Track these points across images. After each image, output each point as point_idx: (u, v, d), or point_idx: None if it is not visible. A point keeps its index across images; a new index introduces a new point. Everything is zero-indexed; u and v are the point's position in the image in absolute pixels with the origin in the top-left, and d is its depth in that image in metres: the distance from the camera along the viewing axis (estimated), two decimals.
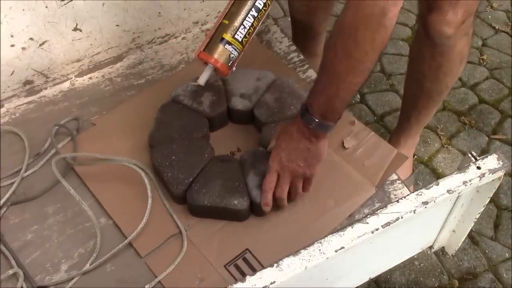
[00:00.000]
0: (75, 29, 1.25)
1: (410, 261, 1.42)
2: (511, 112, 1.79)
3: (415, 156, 1.64)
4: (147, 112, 1.23)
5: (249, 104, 1.20)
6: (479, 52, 2.00)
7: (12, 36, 1.18)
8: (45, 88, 1.32)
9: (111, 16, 1.27)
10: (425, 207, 0.74)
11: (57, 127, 1.23)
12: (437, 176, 1.62)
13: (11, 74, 1.25)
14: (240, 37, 1.10)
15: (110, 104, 1.29)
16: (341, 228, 0.72)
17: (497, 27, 2.11)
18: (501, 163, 0.77)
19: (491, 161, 0.77)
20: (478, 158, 0.78)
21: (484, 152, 1.67)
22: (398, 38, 2.04)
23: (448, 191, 0.74)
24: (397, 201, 0.74)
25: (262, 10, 1.12)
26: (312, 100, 0.97)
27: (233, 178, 1.08)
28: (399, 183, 1.13)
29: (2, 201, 1.12)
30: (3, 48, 1.19)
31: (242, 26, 1.10)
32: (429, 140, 1.70)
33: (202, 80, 1.11)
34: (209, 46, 1.10)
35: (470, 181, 0.75)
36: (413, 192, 0.75)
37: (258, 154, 1.12)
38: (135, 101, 1.29)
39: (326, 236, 0.72)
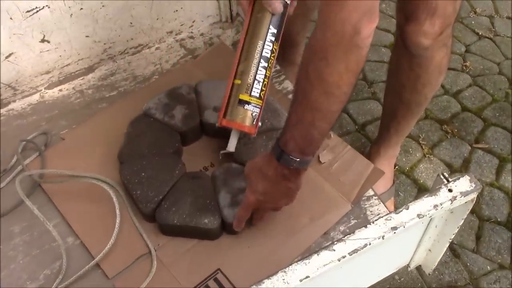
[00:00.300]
0: (43, 41, 1.21)
1: (390, 275, 1.39)
2: (494, 121, 1.76)
3: (396, 167, 1.61)
4: (118, 126, 1.20)
5: None
6: (462, 58, 1.97)
7: None
8: (14, 101, 1.29)
9: (80, 27, 1.24)
10: (394, 232, 0.71)
11: (24, 142, 1.19)
12: (419, 187, 1.59)
13: None
14: (257, 93, 1.06)
15: (80, 117, 1.26)
16: (306, 256, 0.69)
17: (480, 33, 2.09)
18: (473, 185, 0.74)
19: (463, 183, 0.74)
20: (450, 179, 0.75)
21: (467, 162, 1.65)
22: (380, 44, 2.01)
23: (418, 215, 0.71)
24: (365, 226, 0.71)
25: (271, 57, 1.07)
26: (287, 138, 0.89)
27: (204, 195, 1.05)
28: (375, 199, 1.10)
29: None
30: None
31: (256, 82, 1.06)
32: (410, 149, 1.68)
33: (231, 147, 1.10)
34: (229, 111, 1.06)
35: (441, 204, 0.72)
36: (383, 216, 0.72)
37: (230, 170, 1.09)
38: (106, 114, 1.25)
39: (290, 264, 0.68)
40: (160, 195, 1.05)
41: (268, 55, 1.06)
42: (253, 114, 1.06)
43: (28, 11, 1.14)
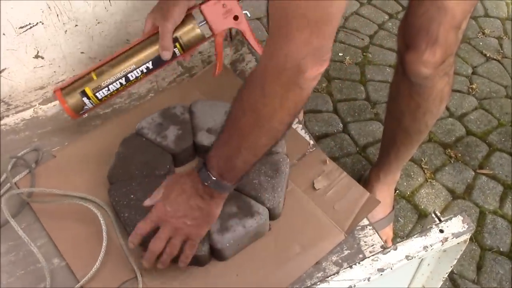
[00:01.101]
0: (37, 57, 1.20)
1: None
2: (499, 146, 1.72)
3: (397, 191, 1.58)
4: (111, 144, 1.17)
5: None
6: (468, 80, 1.94)
7: None
8: (7, 116, 1.27)
9: (75, 43, 1.22)
10: (381, 274, 0.67)
11: (14, 159, 1.17)
12: (419, 212, 1.55)
13: None
14: (101, 96, 1.14)
15: (73, 134, 1.24)
16: None
17: (488, 55, 2.05)
18: (466, 226, 0.70)
19: (456, 224, 0.71)
20: (442, 219, 0.71)
21: (470, 188, 1.61)
22: (385, 64, 1.98)
23: (407, 256, 0.68)
24: (350, 266, 0.68)
25: (132, 81, 1.15)
26: (211, 154, 0.88)
27: None
28: (370, 229, 1.07)
29: None
30: None
31: (106, 88, 1.13)
32: (412, 173, 1.64)
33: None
34: (68, 90, 1.13)
35: (431, 245, 0.69)
36: (369, 256, 0.68)
37: None
38: (99, 132, 1.23)
39: None
40: None
41: (131, 78, 1.14)
42: (85, 107, 1.15)
43: (21, 27, 1.12)
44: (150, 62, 1.13)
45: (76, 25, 1.19)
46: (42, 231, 1.08)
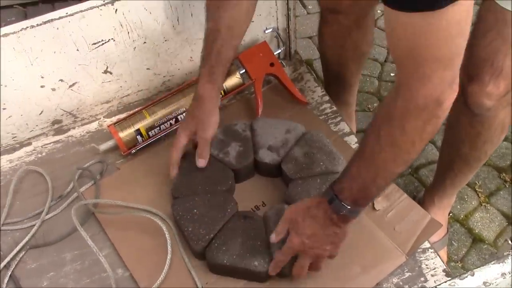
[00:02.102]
0: (106, 72, 1.24)
1: None
2: None
3: (450, 214, 1.56)
4: None
5: (277, 158, 1.16)
6: None
7: (42, 77, 1.18)
8: (73, 128, 1.32)
9: (142, 59, 1.26)
10: None
11: (80, 170, 1.21)
12: (474, 236, 1.53)
13: (40, 114, 1.25)
14: (152, 134, 1.24)
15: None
16: None
17: None
18: None
19: None
20: None
21: None
22: None
23: (484, 283, 0.68)
24: None
25: (180, 121, 1.25)
26: (344, 186, 0.90)
27: (255, 237, 1.04)
28: (431, 252, 1.07)
29: (21, 244, 1.11)
30: (33, 89, 1.19)
31: (158, 128, 1.24)
32: (466, 197, 1.62)
33: (102, 147, 1.24)
34: (122, 126, 1.22)
35: (509, 273, 0.69)
36: (446, 281, 0.69)
37: (283, 212, 1.07)
38: (162, 147, 1.26)
39: None
40: (211, 233, 1.04)
41: (180, 119, 1.25)
42: (137, 144, 1.23)
43: (94, 43, 1.17)
44: None
45: (145, 42, 1.22)
46: (107, 241, 1.11)
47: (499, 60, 1.05)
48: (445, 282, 0.69)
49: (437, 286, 0.68)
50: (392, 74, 2.03)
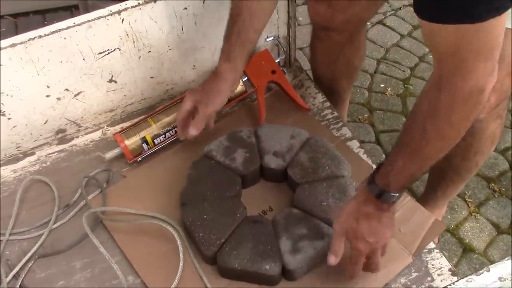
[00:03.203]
0: (110, 81, 1.25)
1: None
2: None
3: None
4: (179, 167, 1.22)
5: (282, 163, 1.18)
6: (510, 115, 1.95)
7: (48, 87, 1.18)
8: (77, 137, 1.32)
9: (146, 68, 1.27)
10: None
11: (86, 179, 1.22)
12: (464, 246, 1.56)
13: (45, 123, 1.25)
14: (157, 141, 1.26)
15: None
16: None
17: None
18: None
19: None
20: None
21: None
22: None
23: (500, 278, 0.70)
24: None
25: None
26: (390, 180, 0.93)
27: (265, 241, 1.05)
28: (437, 252, 1.09)
29: (30, 254, 1.11)
30: (38, 99, 1.19)
31: (163, 135, 1.26)
32: (456, 207, 1.65)
33: (108, 156, 1.24)
34: (127, 134, 1.23)
35: None
36: (462, 278, 0.71)
37: (292, 216, 1.09)
38: (167, 154, 1.28)
39: None
40: (222, 238, 1.05)
41: None
42: (142, 152, 1.24)
43: (100, 53, 1.18)
44: None
45: (149, 51, 1.24)
46: (116, 249, 1.12)
47: None
48: (462, 278, 0.71)
49: (454, 282, 0.70)
50: (382, 85, 2.06)
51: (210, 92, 1.15)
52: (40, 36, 1.10)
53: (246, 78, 1.32)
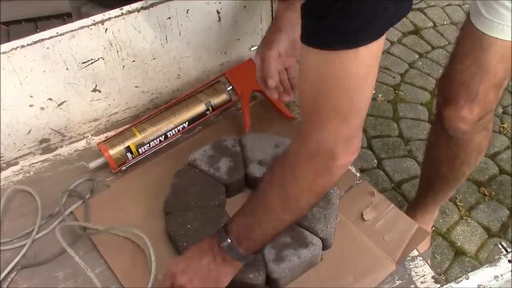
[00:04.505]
0: (94, 90, 1.25)
1: None
2: None
3: (433, 228, 1.60)
4: (163, 176, 1.22)
5: None
6: (499, 120, 1.97)
7: (31, 96, 1.18)
8: (61, 147, 1.32)
9: (130, 77, 1.27)
10: None
11: (70, 188, 1.21)
12: (456, 250, 1.57)
13: (28, 133, 1.25)
14: (142, 151, 1.25)
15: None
16: None
17: None
18: None
19: None
20: (508, 250, 0.74)
21: (505, 227, 1.62)
22: (416, 102, 2.03)
23: (479, 285, 0.71)
24: None
25: (170, 137, 1.28)
26: (234, 219, 0.89)
27: None
28: (420, 260, 1.09)
29: (12, 264, 1.10)
30: (21, 108, 1.19)
31: (148, 144, 1.25)
32: (447, 210, 1.66)
33: (92, 165, 1.23)
34: (111, 143, 1.23)
35: (501, 275, 0.72)
36: (444, 285, 0.71)
37: None
38: (152, 163, 1.27)
39: None
40: None
41: (169, 136, 1.28)
42: (126, 161, 1.24)
43: (83, 62, 1.18)
44: (187, 122, 1.29)
45: (134, 61, 1.24)
46: (100, 259, 1.11)
47: (474, 85, 1.06)
48: (441, 286, 0.71)
49: None
50: (373, 91, 2.07)
51: (269, 35, 1.12)
52: (22, 46, 1.09)
53: (230, 87, 1.33)
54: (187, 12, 1.22)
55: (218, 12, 1.27)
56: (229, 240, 0.88)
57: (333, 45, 0.67)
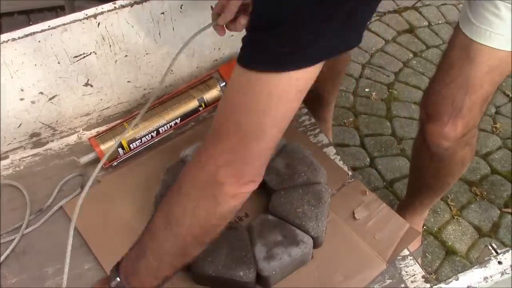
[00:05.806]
0: (86, 84, 1.24)
1: None
2: None
3: (424, 227, 1.60)
4: (154, 172, 1.21)
5: None
6: (492, 120, 1.97)
7: (22, 90, 1.17)
8: (52, 141, 1.31)
9: (123, 72, 1.26)
10: None
11: (61, 183, 1.21)
12: (447, 249, 1.57)
13: (19, 127, 1.24)
14: (133, 146, 1.25)
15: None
16: None
17: (510, 95, 2.09)
18: None
19: None
20: (499, 251, 0.74)
21: (496, 227, 1.63)
22: (410, 101, 2.03)
23: (468, 287, 0.71)
24: None
25: (162, 133, 1.27)
26: (127, 252, 0.84)
27: (240, 247, 1.05)
28: (410, 259, 1.09)
29: (1, 259, 1.09)
30: (12, 102, 1.18)
31: (139, 140, 1.25)
32: (439, 210, 1.66)
33: (83, 160, 1.22)
34: (102, 139, 1.22)
35: (491, 277, 0.72)
36: (435, 285, 0.71)
37: (267, 223, 1.09)
38: (143, 159, 1.27)
39: None
40: None
41: (161, 132, 1.27)
42: (118, 157, 1.23)
43: (75, 56, 1.17)
44: (179, 118, 1.28)
45: (126, 56, 1.23)
46: (90, 255, 1.11)
47: (459, 98, 1.03)
48: (432, 286, 0.71)
49: None
50: (367, 90, 2.08)
51: None
52: (14, 39, 1.08)
53: (224, 83, 1.32)
54: (181, 8, 1.21)
55: (211, 8, 1.26)
56: (118, 279, 0.82)
57: (257, 65, 0.66)
